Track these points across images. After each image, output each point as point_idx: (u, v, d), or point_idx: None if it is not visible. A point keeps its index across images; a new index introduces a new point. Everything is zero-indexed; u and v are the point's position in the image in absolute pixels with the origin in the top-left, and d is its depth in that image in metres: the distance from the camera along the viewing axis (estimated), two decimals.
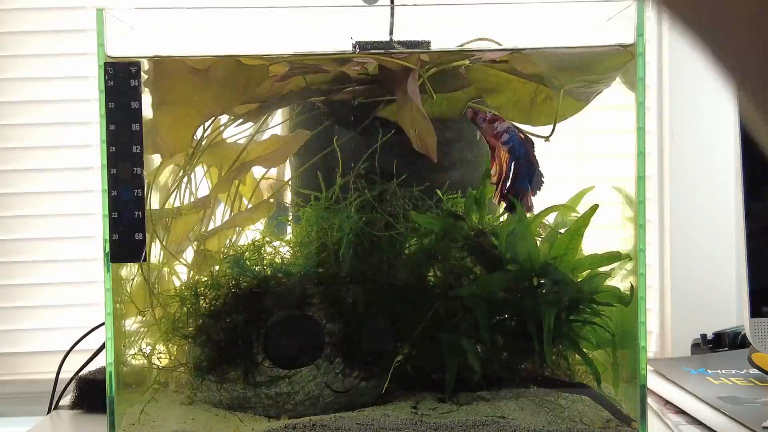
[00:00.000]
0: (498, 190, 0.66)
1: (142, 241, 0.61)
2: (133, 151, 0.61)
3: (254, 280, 0.66)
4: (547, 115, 0.68)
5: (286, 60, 0.67)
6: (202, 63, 0.66)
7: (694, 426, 0.71)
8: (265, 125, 0.73)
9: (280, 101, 0.71)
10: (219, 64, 0.66)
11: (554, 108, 0.67)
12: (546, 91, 0.67)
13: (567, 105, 0.67)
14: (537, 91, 0.68)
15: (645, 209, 0.63)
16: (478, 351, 0.66)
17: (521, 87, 0.68)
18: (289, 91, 0.70)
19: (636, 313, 0.63)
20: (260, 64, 0.66)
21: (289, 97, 0.70)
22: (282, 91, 0.69)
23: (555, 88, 0.66)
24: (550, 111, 0.68)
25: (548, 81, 0.67)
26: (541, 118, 0.68)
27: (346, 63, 0.69)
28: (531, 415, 0.64)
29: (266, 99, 0.70)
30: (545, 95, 0.68)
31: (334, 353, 0.65)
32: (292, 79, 0.69)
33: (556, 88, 0.66)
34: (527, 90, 0.68)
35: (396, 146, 0.68)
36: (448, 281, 0.67)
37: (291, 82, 0.69)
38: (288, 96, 0.70)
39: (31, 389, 1.08)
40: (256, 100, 0.70)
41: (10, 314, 1.09)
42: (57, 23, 1.08)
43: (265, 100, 0.70)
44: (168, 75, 0.66)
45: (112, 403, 0.63)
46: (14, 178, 1.09)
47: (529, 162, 0.66)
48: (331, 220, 0.66)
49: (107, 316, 0.63)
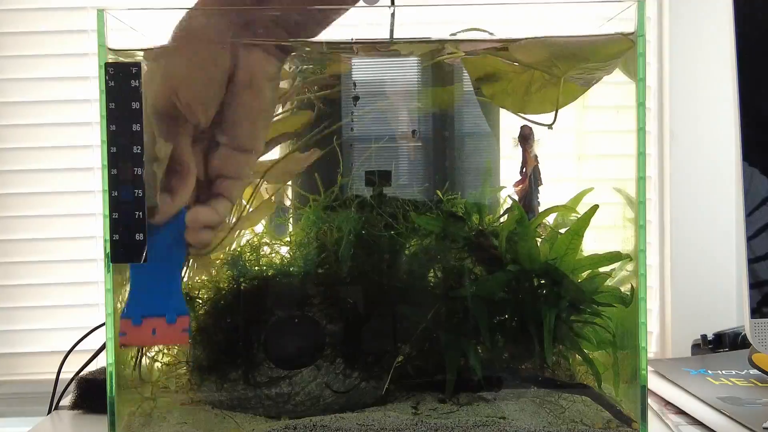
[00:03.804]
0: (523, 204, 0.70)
1: (143, 241, 0.61)
2: (133, 151, 0.61)
3: (254, 280, 0.67)
4: (541, 103, 0.68)
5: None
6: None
7: (695, 426, 0.71)
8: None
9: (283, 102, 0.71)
10: None
11: (548, 96, 0.68)
12: (540, 79, 0.68)
13: (565, 92, 0.68)
14: (532, 80, 0.68)
15: (645, 210, 0.63)
16: (478, 351, 0.66)
17: (516, 76, 0.68)
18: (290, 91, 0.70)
19: (636, 314, 0.63)
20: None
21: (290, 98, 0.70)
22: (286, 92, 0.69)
23: (555, 76, 0.67)
24: (544, 99, 0.68)
25: (548, 69, 0.67)
26: (535, 106, 0.68)
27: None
28: (531, 415, 0.64)
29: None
30: (540, 84, 0.68)
31: (335, 354, 0.65)
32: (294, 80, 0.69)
33: (557, 76, 0.67)
34: (522, 79, 0.68)
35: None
36: (449, 282, 0.67)
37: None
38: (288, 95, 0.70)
39: (31, 389, 1.08)
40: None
41: (11, 314, 1.09)
42: (57, 24, 1.09)
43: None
44: None
45: (113, 403, 0.63)
46: (14, 178, 1.09)
47: (538, 181, 0.69)
48: (330, 220, 0.66)
49: (107, 317, 0.63)
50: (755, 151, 0.70)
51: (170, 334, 0.62)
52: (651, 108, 1.08)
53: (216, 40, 0.62)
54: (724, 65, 1.02)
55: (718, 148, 1.06)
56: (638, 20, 0.63)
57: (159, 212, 0.61)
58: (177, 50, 0.62)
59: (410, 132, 0.70)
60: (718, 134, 1.06)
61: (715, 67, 1.06)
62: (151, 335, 0.62)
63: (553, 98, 0.68)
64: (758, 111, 0.70)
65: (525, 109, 0.69)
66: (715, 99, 1.06)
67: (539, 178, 0.71)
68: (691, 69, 1.07)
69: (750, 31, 0.70)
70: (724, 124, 1.05)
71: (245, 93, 0.62)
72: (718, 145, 1.06)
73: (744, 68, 0.69)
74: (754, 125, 0.70)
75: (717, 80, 1.06)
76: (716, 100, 1.06)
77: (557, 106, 0.67)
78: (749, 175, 0.70)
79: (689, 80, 1.07)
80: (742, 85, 0.69)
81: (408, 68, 0.70)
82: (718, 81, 1.06)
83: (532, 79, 0.68)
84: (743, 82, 0.69)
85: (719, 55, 1.05)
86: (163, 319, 0.62)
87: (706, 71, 1.06)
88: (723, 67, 1.05)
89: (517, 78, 0.68)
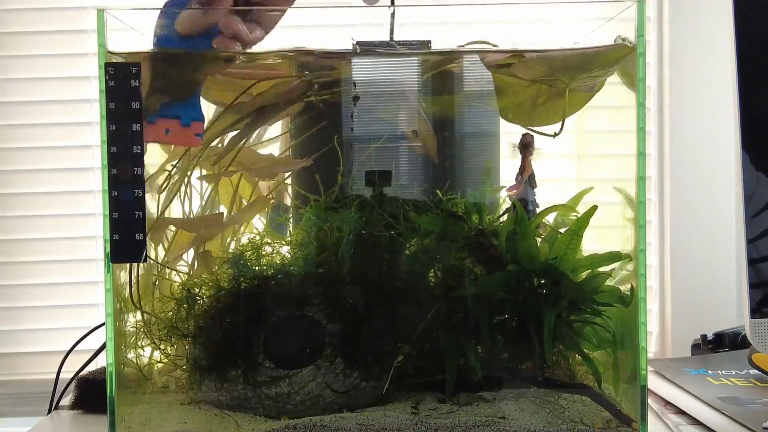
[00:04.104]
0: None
1: (143, 241, 0.61)
2: (133, 151, 0.61)
3: (254, 280, 0.67)
4: (548, 115, 0.69)
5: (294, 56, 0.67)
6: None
7: (695, 426, 0.71)
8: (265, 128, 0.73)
9: (285, 103, 0.71)
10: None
11: (554, 108, 0.67)
12: (547, 92, 0.68)
13: (571, 102, 0.68)
14: (539, 93, 0.68)
15: (645, 210, 0.63)
16: (478, 351, 0.66)
17: (522, 90, 0.68)
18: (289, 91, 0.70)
19: (636, 314, 0.63)
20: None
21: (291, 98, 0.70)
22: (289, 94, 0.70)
23: (560, 88, 0.67)
24: (550, 111, 0.68)
25: (552, 83, 0.67)
26: (542, 119, 0.69)
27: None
28: (531, 415, 0.64)
29: (271, 99, 0.70)
30: (546, 96, 0.68)
31: (335, 353, 0.65)
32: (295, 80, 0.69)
33: (562, 88, 0.67)
34: (529, 93, 0.68)
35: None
36: (449, 281, 0.67)
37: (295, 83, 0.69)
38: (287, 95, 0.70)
39: (31, 389, 1.08)
40: (259, 101, 0.70)
41: (11, 314, 1.09)
42: (57, 24, 1.09)
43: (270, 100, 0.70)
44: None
45: (113, 403, 0.63)
46: (14, 178, 1.09)
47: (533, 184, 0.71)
48: (331, 220, 0.66)
49: (107, 317, 0.63)
50: (755, 150, 0.70)
51: (183, 135, 0.63)
52: (651, 108, 1.08)
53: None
54: (724, 65, 1.02)
55: (718, 148, 1.06)
56: (638, 20, 0.63)
57: (191, 22, 0.62)
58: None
59: (411, 132, 0.70)
60: (718, 134, 1.06)
61: (715, 67, 1.06)
62: (164, 134, 0.63)
63: (560, 109, 0.68)
64: (758, 111, 0.70)
65: (533, 122, 0.69)
66: (715, 99, 1.06)
67: (534, 182, 0.71)
68: (691, 69, 1.07)
69: (750, 31, 0.70)
70: (724, 124, 1.05)
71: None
72: (718, 145, 1.06)
73: (744, 68, 0.69)
74: (754, 125, 0.70)
75: (717, 80, 1.06)
76: (716, 100, 1.06)
77: (564, 116, 0.67)
78: (749, 175, 0.70)
79: (689, 80, 1.07)
80: (742, 85, 0.69)
81: (409, 69, 0.70)
82: (718, 81, 1.06)
83: (539, 91, 0.68)
84: (743, 81, 0.69)
85: (719, 55, 1.06)
86: (177, 121, 0.62)
87: (706, 71, 1.06)
88: (723, 67, 1.05)
89: (523, 92, 0.68)
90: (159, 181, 0.68)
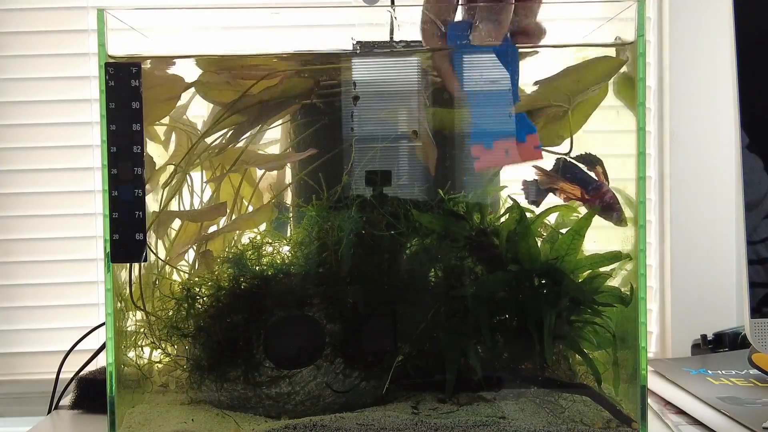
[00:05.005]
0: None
1: (143, 241, 0.61)
2: (133, 151, 0.61)
3: (254, 280, 0.67)
4: (553, 136, 0.70)
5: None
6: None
7: (695, 426, 0.71)
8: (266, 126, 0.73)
9: (285, 103, 0.71)
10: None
11: (557, 130, 0.69)
12: (546, 116, 0.69)
13: (575, 119, 0.70)
14: (542, 119, 0.69)
15: (645, 210, 0.63)
16: (478, 351, 0.66)
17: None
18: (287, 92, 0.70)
19: (636, 314, 0.63)
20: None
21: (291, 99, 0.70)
22: (287, 92, 0.69)
23: (563, 109, 0.68)
24: (554, 132, 0.69)
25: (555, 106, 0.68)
26: (546, 140, 0.69)
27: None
28: (531, 415, 0.64)
29: (269, 99, 0.70)
30: (545, 120, 0.69)
31: (335, 353, 0.65)
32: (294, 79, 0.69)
33: (564, 109, 0.68)
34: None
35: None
36: (449, 281, 0.67)
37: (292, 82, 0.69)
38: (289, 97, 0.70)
39: (31, 389, 1.08)
40: (257, 101, 0.70)
41: (10, 314, 1.09)
42: (57, 24, 1.09)
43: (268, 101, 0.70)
44: None
45: (113, 403, 0.63)
46: (14, 178, 1.09)
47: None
48: (331, 220, 0.66)
49: (107, 316, 0.63)
50: (755, 150, 0.70)
51: (523, 151, 0.64)
52: (651, 108, 1.08)
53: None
54: (724, 65, 1.02)
55: (718, 148, 1.06)
56: (638, 20, 0.63)
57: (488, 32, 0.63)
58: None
59: (411, 132, 0.70)
60: (718, 134, 1.06)
61: (715, 67, 1.06)
62: (504, 156, 0.64)
63: (566, 128, 0.69)
64: (758, 111, 0.70)
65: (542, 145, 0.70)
66: (715, 99, 1.06)
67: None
68: (691, 69, 1.07)
69: (750, 31, 0.70)
70: (724, 124, 1.05)
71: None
72: (718, 145, 1.06)
73: (744, 68, 0.70)
74: (754, 125, 0.70)
75: (717, 80, 1.06)
76: (716, 100, 1.06)
77: (571, 133, 0.68)
78: (749, 175, 0.70)
79: (689, 80, 1.07)
80: (742, 85, 0.69)
81: (409, 69, 0.70)
82: (718, 81, 1.06)
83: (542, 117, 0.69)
84: (743, 81, 0.69)
85: (719, 55, 1.06)
86: (513, 139, 0.63)
87: (706, 71, 1.06)
88: (723, 67, 1.05)
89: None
90: (163, 178, 0.68)
